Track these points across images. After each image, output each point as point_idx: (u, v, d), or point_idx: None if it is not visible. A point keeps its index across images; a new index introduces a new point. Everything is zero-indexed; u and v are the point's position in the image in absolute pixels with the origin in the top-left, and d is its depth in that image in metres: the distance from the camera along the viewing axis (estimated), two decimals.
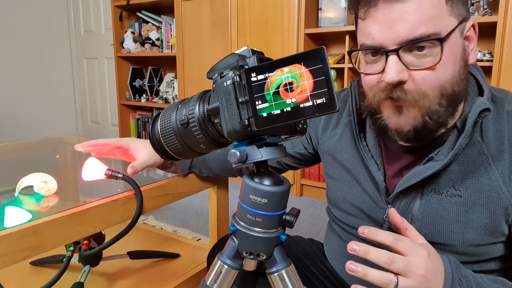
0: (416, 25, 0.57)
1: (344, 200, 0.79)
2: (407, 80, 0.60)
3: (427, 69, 0.59)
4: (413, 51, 0.59)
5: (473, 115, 0.61)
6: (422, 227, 0.67)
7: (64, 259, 0.96)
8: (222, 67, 0.50)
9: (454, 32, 0.60)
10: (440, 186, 0.66)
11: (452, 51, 0.60)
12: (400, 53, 0.59)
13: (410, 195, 0.68)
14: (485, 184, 0.63)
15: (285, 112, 0.43)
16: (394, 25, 0.58)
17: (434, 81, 0.59)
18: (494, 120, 0.65)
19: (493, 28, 1.88)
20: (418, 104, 0.61)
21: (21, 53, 3.75)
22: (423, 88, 0.60)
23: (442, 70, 0.59)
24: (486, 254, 0.67)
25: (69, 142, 1.87)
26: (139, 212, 0.86)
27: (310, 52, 0.41)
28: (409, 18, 0.57)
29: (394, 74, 0.59)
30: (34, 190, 0.88)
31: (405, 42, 0.58)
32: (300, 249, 0.92)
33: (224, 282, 0.56)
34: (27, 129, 3.81)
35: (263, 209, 0.51)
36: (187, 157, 0.58)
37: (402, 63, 0.59)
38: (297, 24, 2.43)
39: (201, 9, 2.94)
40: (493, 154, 0.63)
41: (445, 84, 0.60)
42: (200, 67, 3.03)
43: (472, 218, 0.64)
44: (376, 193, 0.73)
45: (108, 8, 3.70)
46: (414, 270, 0.50)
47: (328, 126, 0.85)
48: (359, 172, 0.76)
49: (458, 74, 0.61)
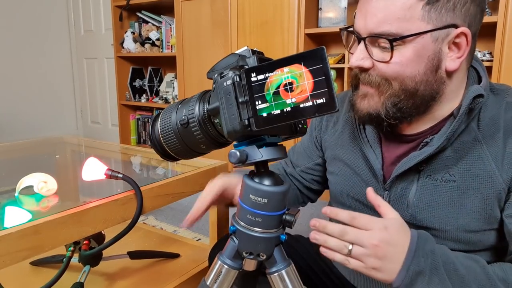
0: (382, 21, 0.62)
1: (343, 193, 0.81)
2: (371, 68, 0.65)
3: (385, 62, 0.63)
4: (377, 43, 0.64)
5: (467, 100, 0.64)
6: (418, 212, 0.69)
7: (64, 259, 0.96)
8: (222, 67, 0.50)
9: (422, 36, 0.61)
10: (435, 172, 0.68)
11: (416, 53, 0.62)
12: (367, 42, 0.65)
13: (406, 181, 0.70)
14: (479, 169, 0.65)
15: (285, 112, 0.43)
16: (367, 17, 0.63)
17: (391, 73, 0.64)
18: (491, 109, 0.67)
19: (493, 28, 1.88)
20: (380, 90, 0.66)
21: (21, 53, 3.74)
22: (382, 77, 0.65)
23: (400, 66, 0.63)
24: (480, 242, 0.68)
25: (69, 142, 1.87)
26: (139, 212, 0.86)
27: (310, 52, 0.41)
28: (378, 13, 0.62)
29: (355, 59, 0.66)
30: (34, 190, 0.88)
31: (372, 34, 0.63)
32: (301, 247, 0.92)
33: (224, 282, 0.56)
34: (27, 129, 3.81)
35: (263, 209, 0.51)
36: (187, 157, 0.59)
37: (367, 52, 0.65)
38: (297, 24, 2.43)
39: (201, 9, 2.94)
40: (487, 140, 0.65)
41: (405, 79, 0.64)
42: (200, 67, 3.02)
43: (466, 203, 0.66)
44: (374, 181, 0.75)
45: (108, 8, 3.70)
46: (367, 240, 0.56)
47: (328, 125, 0.87)
48: (357, 163, 0.78)
49: (424, 76, 0.64)
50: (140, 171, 1.47)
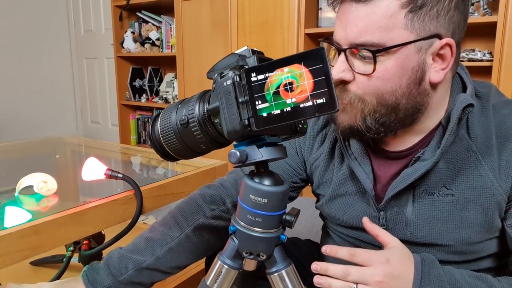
0: (362, 31, 0.58)
1: (335, 218, 0.78)
2: (352, 80, 0.62)
3: (366, 75, 0.60)
4: (359, 55, 0.60)
5: (457, 112, 0.61)
6: (418, 229, 0.67)
7: (64, 259, 0.96)
8: (222, 67, 0.50)
9: (406, 47, 0.58)
10: (430, 186, 0.65)
11: (399, 65, 0.58)
12: (348, 54, 0.61)
13: (401, 200, 0.67)
14: (477, 181, 0.63)
15: (285, 112, 0.43)
16: (347, 26, 0.60)
17: (371, 88, 0.60)
18: (479, 115, 0.65)
19: (493, 28, 1.88)
20: (354, 106, 0.62)
21: (21, 53, 3.74)
22: (361, 92, 0.61)
23: (382, 80, 0.59)
24: (483, 251, 0.67)
25: (69, 142, 1.87)
26: (139, 212, 0.86)
27: (310, 52, 0.41)
28: (358, 23, 0.58)
29: (335, 72, 0.61)
30: (34, 190, 0.88)
31: (353, 45, 0.60)
32: (297, 250, 0.92)
33: (224, 282, 0.56)
34: (27, 129, 3.81)
35: (263, 209, 0.51)
36: (187, 157, 0.58)
37: (348, 64, 0.61)
38: (297, 24, 2.43)
39: (201, 9, 2.94)
40: (481, 150, 0.63)
41: (384, 95, 0.60)
42: (200, 67, 3.02)
43: (466, 216, 0.64)
44: (366, 203, 0.72)
45: (108, 8, 3.70)
46: (370, 278, 0.55)
47: (313, 143, 0.82)
48: (347, 185, 0.74)
49: (406, 89, 0.60)
50: (140, 171, 1.47)
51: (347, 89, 0.62)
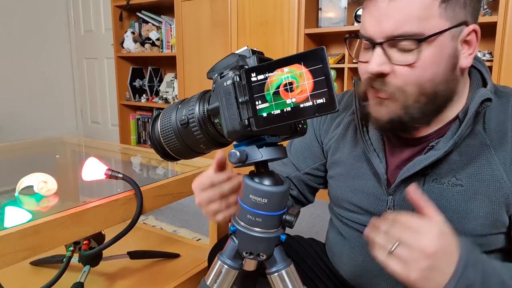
0: (401, 22, 0.60)
1: (343, 199, 0.80)
2: (389, 73, 0.63)
3: (407, 65, 0.61)
4: (398, 46, 0.61)
5: (475, 105, 0.63)
6: None
7: (64, 259, 0.96)
8: (222, 67, 0.50)
9: (442, 34, 0.60)
10: (441, 176, 0.67)
11: (437, 53, 0.61)
12: (385, 47, 0.62)
13: None
14: (487, 174, 0.64)
15: (285, 112, 0.43)
16: (383, 20, 0.61)
17: (412, 78, 0.62)
18: (497, 112, 0.67)
19: (493, 28, 1.88)
20: (396, 98, 0.64)
21: (21, 53, 3.74)
22: (401, 83, 0.63)
23: (422, 69, 0.61)
24: (488, 245, 0.67)
25: (69, 142, 1.87)
26: (139, 212, 0.86)
27: (310, 52, 0.41)
28: (396, 15, 0.60)
29: (375, 65, 0.62)
30: (34, 190, 0.88)
31: (390, 37, 0.61)
32: (301, 248, 0.92)
33: (224, 282, 0.56)
34: (27, 129, 3.80)
35: (263, 209, 0.51)
36: (187, 157, 0.59)
37: (385, 56, 0.62)
38: (297, 24, 2.43)
39: (201, 9, 2.94)
40: (494, 144, 0.65)
41: (424, 83, 0.62)
42: (200, 67, 3.02)
43: (472, 207, 0.65)
44: (377, 185, 0.74)
45: (108, 8, 3.70)
46: (421, 243, 0.50)
47: (330, 127, 0.85)
48: (359, 167, 0.77)
49: (443, 76, 0.63)
50: (140, 171, 1.47)
51: (386, 82, 0.64)
